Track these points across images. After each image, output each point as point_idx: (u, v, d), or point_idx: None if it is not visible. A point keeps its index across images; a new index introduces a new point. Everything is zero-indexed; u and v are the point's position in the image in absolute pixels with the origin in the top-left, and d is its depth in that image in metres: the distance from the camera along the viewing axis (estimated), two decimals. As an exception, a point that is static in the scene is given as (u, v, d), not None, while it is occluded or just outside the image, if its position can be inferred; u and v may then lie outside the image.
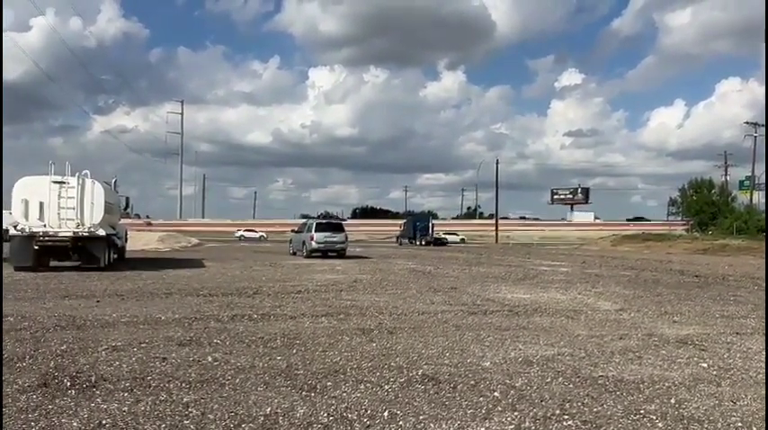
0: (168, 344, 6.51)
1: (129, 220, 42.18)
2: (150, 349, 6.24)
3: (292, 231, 31.99)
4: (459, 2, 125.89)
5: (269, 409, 4.29)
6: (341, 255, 26.66)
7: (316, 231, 26.37)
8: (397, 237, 60.53)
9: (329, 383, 5.02)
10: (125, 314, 8.62)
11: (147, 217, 74.50)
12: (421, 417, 4.20)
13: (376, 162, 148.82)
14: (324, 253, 26.34)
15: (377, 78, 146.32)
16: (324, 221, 31.61)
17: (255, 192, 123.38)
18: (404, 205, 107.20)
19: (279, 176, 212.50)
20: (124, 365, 5.51)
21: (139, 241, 33.86)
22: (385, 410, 4.33)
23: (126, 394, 4.60)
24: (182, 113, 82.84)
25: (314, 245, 26.02)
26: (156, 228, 55.10)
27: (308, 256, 25.86)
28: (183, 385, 4.88)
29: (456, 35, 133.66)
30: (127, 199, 24.20)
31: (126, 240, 23.41)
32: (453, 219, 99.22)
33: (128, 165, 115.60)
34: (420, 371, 5.48)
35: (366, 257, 27.67)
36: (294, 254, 28.78)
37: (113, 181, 21.08)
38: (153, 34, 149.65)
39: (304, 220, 35.99)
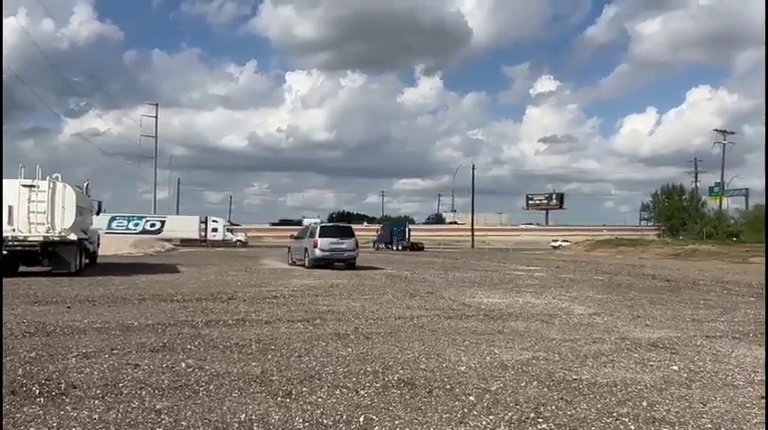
0: (141, 351, 6.41)
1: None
2: (122, 356, 6.14)
3: (291, 237, 27.37)
4: (436, 8, 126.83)
5: (243, 416, 4.25)
6: (350, 265, 22.22)
7: (320, 236, 21.88)
8: (374, 242, 60.57)
9: (305, 389, 4.99)
10: (96, 320, 8.47)
11: (121, 221, 73.42)
12: (397, 422, 4.20)
13: (353, 167, 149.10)
14: (329, 263, 21.73)
15: (354, 83, 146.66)
16: (330, 225, 27.17)
17: (231, 197, 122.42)
18: (380, 210, 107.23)
19: (255, 180, 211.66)
20: (95, 372, 5.41)
21: (112, 246, 33.33)
22: (361, 415, 4.31)
23: (96, 401, 4.52)
24: (156, 116, 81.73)
25: (318, 253, 21.58)
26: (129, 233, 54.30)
27: (312, 267, 21.50)
28: (156, 392, 4.81)
29: (433, 41, 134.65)
30: (99, 203, 23.81)
31: (98, 245, 23.05)
32: (424, 223, 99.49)
33: (100, 169, 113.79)
34: (396, 376, 5.47)
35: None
36: (293, 264, 24.13)
37: (85, 184, 20.72)
38: (127, 36, 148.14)
39: (305, 224, 32.01)
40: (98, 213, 24.41)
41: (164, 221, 58.33)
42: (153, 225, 57.26)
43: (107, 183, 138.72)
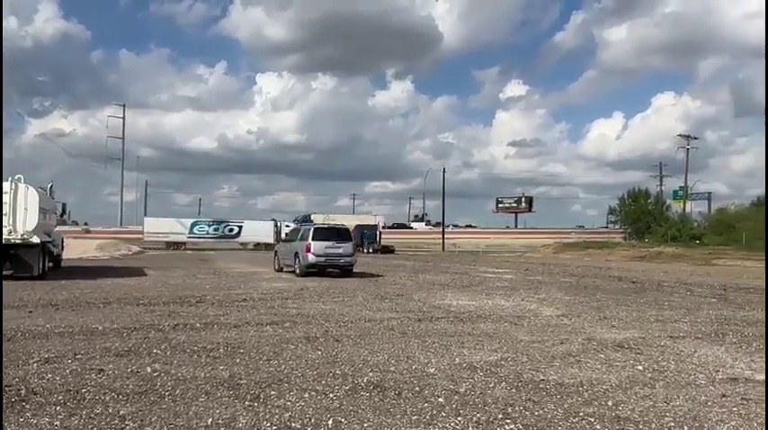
0: (105, 355, 6.28)
1: (65, 227, 40.63)
2: (86, 360, 6.01)
3: (280, 240, 24.57)
4: (406, 12, 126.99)
5: (210, 420, 4.19)
6: (346, 272, 19.79)
7: (313, 239, 19.17)
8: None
9: (273, 392, 4.95)
10: (59, 325, 8.27)
11: (86, 224, 71.80)
12: (365, 425, 4.19)
13: (324, 169, 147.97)
14: (323, 269, 19.30)
15: (325, 86, 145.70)
16: (324, 226, 23.36)
17: (200, 199, 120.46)
18: (351, 213, 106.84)
19: (224, 183, 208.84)
20: (57, 378, 5.28)
21: (77, 249, 32.61)
22: (329, 418, 4.29)
23: (58, 408, 4.41)
24: (123, 117, 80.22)
25: (310, 258, 18.90)
26: (95, 236, 53.16)
27: (304, 274, 18.98)
28: (120, 397, 4.71)
29: (404, 44, 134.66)
30: (63, 205, 23.30)
31: (62, 248, 22.52)
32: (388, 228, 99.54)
33: (65, 171, 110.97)
34: (365, 379, 5.46)
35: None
36: (280, 270, 21.55)
37: (49, 186, 20.26)
38: (94, 36, 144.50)
39: (296, 225, 29.70)
40: (62, 215, 23.88)
41: (241, 226, 57.50)
42: (231, 229, 56.42)
43: (72, 185, 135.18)
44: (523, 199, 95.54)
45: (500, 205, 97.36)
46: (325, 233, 19.99)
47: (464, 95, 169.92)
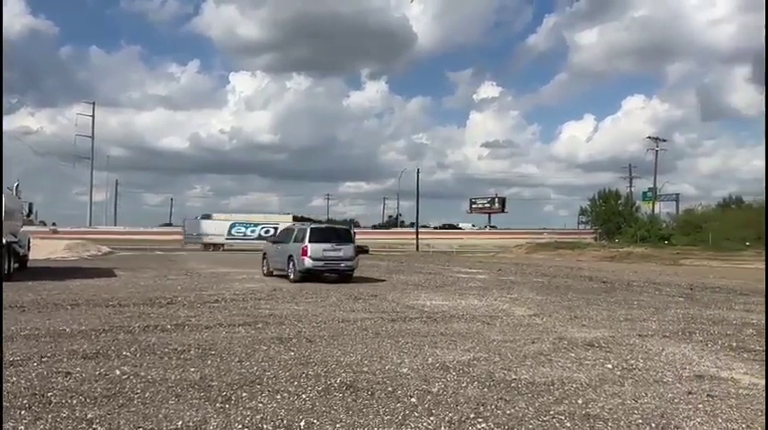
0: (72, 358, 6.16)
1: (32, 228, 39.78)
2: (52, 363, 5.88)
3: (269, 241, 22.24)
4: (380, 12, 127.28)
5: (180, 423, 4.14)
6: (346, 278, 17.81)
7: (310, 241, 17.01)
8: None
9: (245, 394, 4.91)
10: (25, 327, 8.07)
11: (54, 224, 70.37)
12: (338, 425, 4.18)
13: (297, 169, 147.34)
14: (319, 274, 17.30)
15: (299, 85, 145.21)
16: (323, 226, 20.79)
17: (172, 199, 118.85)
18: (326, 213, 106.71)
19: (196, 183, 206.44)
20: (22, 381, 5.16)
21: (44, 250, 31.90)
22: (302, 420, 4.27)
23: (23, 412, 4.31)
24: (93, 115, 78.93)
25: (307, 263, 16.83)
26: (64, 236, 52.08)
27: (298, 280, 16.93)
28: (88, 401, 4.63)
29: (378, 45, 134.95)
30: (30, 204, 22.79)
31: (29, 248, 22.03)
32: (373, 227, 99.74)
33: (32, 169, 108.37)
34: (338, 379, 5.45)
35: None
36: (270, 274, 19.44)
37: (15, 185, 19.80)
38: (63, 32, 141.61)
39: (288, 224, 26.44)
40: (29, 215, 23.37)
41: (276, 227, 57.08)
42: (267, 231, 55.62)
43: (39, 184, 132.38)
44: (496, 199, 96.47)
45: (473, 206, 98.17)
46: (323, 234, 17.89)
47: (438, 96, 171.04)
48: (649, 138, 71.44)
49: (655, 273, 25.35)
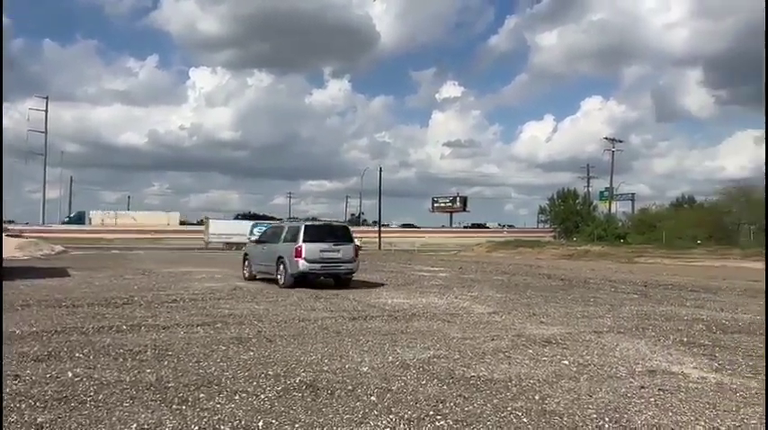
0: (23, 361, 5.97)
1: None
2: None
3: (252, 241, 19.86)
4: (343, 9, 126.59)
5: (135, 426, 4.06)
6: (345, 282, 15.64)
7: (305, 241, 14.88)
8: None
9: (202, 395, 4.84)
10: (-28, 329, 7.78)
11: (11, 222, 68.13)
12: (297, 425, 4.16)
13: (259, 167, 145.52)
14: (315, 278, 15.34)
15: (261, 82, 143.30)
16: (319, 224, 17.70)
17: (129, 197, 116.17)
18: (288, 211, 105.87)
19: (155, 180, 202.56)
20: (-32, 385, 4.98)
21: (-6, 249, 30.83)
22: (260, 420, 4.23)
23: (-32, 417, 4.16)
24: (46, 110, 76.47)
25: (302, 265, 14.66)
26: (15, 235, 50.45)
27: (290, 286, 14.69)
28: (38, 404, 4.49)
29: (341, 43, 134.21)
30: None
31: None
32: None
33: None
34: (298, 379, 5.42)
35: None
36: (252, 278, 17.15)
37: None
38: (15, 24, 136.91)
39: (276, 222, 22.90)
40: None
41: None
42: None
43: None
44: (458, 198, 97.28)
45: (436, 205, 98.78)
46: (319, 232, 15.72)
47: (401, 95, 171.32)
48: (606, 138, 72.85)
49: (611, 271, 25.95)
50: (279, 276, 15.39)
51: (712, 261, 34.74)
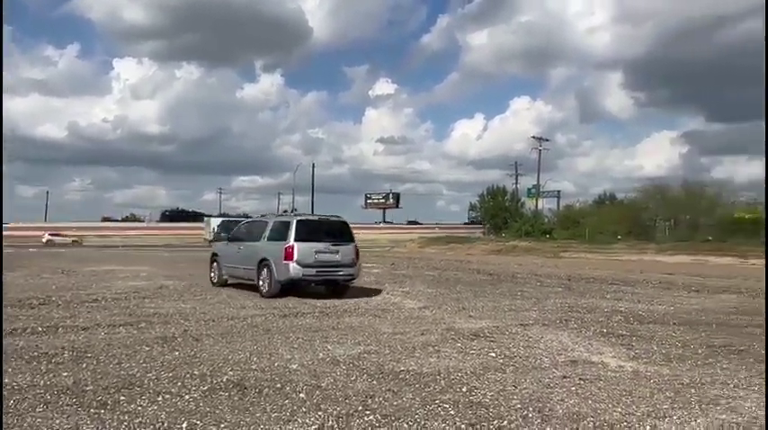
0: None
1: None
2: None
3: (224, 239, 16.68)
4: (274, 3, 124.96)
5: (48, 432, 3.85)
6: (342, 290, 12.82)
7: (297, 239, 12.01)
8: (211, 242, 58.46)
9: (123, 398, 4.65)
10: None
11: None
12: (222, 425, 4.06)
13: (188, 162, 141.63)
14: (308, 284, 12.55)
15: (190, 75, 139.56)
16: (313, 219, 13.32)
17: (48, 192, 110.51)
18: (218, 208, 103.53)
19: (76, 175, 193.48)
20: None
21: None
22: (184, 422, 4.11)
23: None
24: (-46, 100, 71.75)
25: (292, 270, 11.86)
26: None
27: (274, 295, 11.92)
28: (-60, 413, 4.19)
29: (272, 36, 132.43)
30: None
31: None
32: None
33: None
34: (225, 378, 5.30)
35: (175, 262, 26.20)
36: (224, 283, 14.14)
37: None
38: None
39: (260, 216, 16.12)
40: None
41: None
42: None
43: None
44: (391, 195, 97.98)
45: (369, 201, 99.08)
46: (314, 229, 12.61)
47: (334, 91, 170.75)
48: (533, 137, 74.98)
49: (537, 266, 26.81)
50: (261, 283, 12.40)
51: (631, 255, 36.52)
